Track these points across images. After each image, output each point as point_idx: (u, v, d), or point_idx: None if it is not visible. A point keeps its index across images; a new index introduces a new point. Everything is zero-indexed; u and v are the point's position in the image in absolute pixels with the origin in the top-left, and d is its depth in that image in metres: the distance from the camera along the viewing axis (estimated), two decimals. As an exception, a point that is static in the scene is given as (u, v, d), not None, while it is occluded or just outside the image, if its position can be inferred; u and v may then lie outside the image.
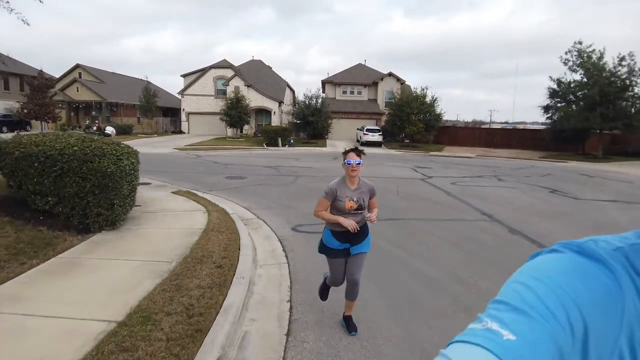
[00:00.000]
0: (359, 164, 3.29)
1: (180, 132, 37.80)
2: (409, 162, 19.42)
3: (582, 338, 0.45)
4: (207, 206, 7.39)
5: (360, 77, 38.56)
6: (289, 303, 3.89)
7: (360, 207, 3.32)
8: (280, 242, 5.81)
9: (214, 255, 4.70)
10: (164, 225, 6.15)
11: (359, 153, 3.35)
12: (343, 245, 3.35)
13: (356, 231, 3.19)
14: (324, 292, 3.72)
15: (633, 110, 23.78)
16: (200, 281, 3.92)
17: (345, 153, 3.38)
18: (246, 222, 6.76)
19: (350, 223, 3.17)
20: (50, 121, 27.76)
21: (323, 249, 3.45)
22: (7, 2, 5.62)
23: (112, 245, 5.09)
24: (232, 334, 3.15)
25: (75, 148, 5.44)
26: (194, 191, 9.30)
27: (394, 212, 7.93)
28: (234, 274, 4.21)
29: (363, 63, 42.23)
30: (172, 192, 8.97)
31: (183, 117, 37.73)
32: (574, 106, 25.14)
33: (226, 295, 3.68)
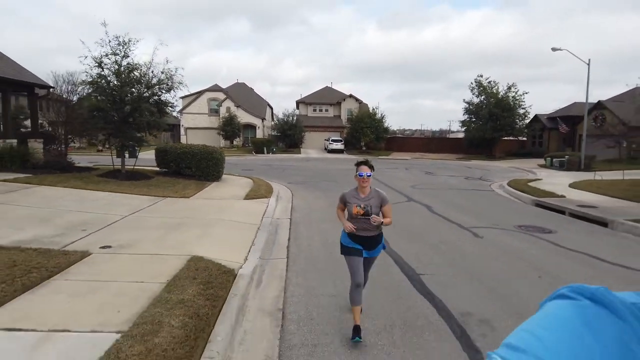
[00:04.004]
0: (369, 175, 3.67)
1: (180, 143, 45.71)
2: (358, 162, 28.53)
3: None
4: (248, 177, 16.01)
5: (327, 97, 47.82)
6: (292, 195, 12.60)
7: (367, 214, 3.60)
8: (285, 186, 14.50)
9: (263, 187, 13.35)
10: (235, 181, 14.74)
11: (370, 166, 3.71)
12: (356, 245, 3.72)
13: (353, 231, 3.63)
14: (354, 333, 3.57)
15: (517, 124, 33.98)
16: (263, 189, 12.61)
17: (358, 165, 3.75)
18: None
19: (347, 225, 3.67)
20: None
21: (342, 248, 3.85)
22: (180, 114, 13.37)
23: (222, 184, 13.64)
24: (278, 196, 11.85)
25: (204, 150, 13.99)
26: (233, 174, 17.84)
27: (334, 180, 16.79)
28: (272, 190, 12.87)
29: (330, 86, 51.65)
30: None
31: (182, 131, 45.70)
32: (475, 121, 35.11)
33: (272, 192, 12.38)
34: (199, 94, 45.66)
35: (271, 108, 56.13)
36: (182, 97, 48.25)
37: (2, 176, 11.00)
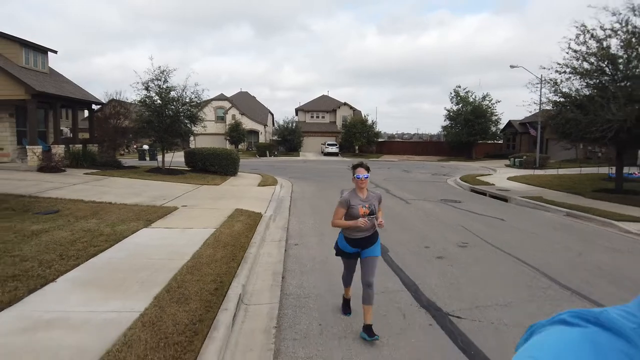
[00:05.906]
0: (367, 177, 3.84)
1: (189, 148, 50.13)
2: (349, 163, 32.93)
3: None
4: (257, 173, 20.31)
5: (324, 105, 52.28)
6: (291, 184, 16.87)
7: (372, 212, 3.81)
8: (287, 179, 18.77)
9: (270, 179, 17.64)
10: (248, 175, 19.03)
11: (367, 168, 3.85)
12: (354, 249, 3.92)
13: (367, 224, 3.70)
14: (345, 308, 4.32)
15: (490, 129, 38.35)
16: (270, 180, 16.91)
17: (355, 167, 3.87)
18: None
19: (362, 221, 3.70)
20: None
21: (338, 251, 4.08)
22: (204, 125, 17.99)
23: (239, 178, 17.92)
24: (282, 185, 16.14)
25: (224, 151, 18.29)
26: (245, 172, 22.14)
27: (326, 176, 21.08)
28: (277, 181, 17.15)
29: (326, 94, 56.12)
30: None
31: (191, 137, 50.05)
32: (454, 127, 39.52)
33: (277, 182, 16.67)
34: (206, 102, 49.93)
35: (272, 114, 60.57)
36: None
37: (83, 171, 15.33)
